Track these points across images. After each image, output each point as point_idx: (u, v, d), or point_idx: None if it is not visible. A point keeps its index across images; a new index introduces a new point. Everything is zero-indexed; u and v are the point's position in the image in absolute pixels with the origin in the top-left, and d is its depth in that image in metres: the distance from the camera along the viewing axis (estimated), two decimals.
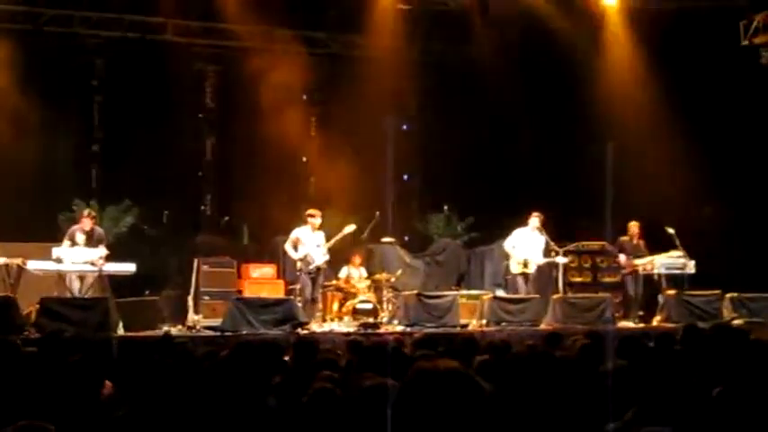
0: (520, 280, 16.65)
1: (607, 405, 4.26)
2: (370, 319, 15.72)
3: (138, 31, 19.01)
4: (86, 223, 15.09)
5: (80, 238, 14.84)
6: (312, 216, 15.96)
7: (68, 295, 14.42)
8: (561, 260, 16.92)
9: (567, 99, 19.49)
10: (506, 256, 17.07)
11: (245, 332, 14.09)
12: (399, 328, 15.36)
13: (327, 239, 16.09)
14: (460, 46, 20.18)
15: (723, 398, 4.11)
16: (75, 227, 15.16)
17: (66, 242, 14.77)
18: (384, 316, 16.14)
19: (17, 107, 17.30)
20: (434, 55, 20.86)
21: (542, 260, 16.77)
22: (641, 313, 17.07)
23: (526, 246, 16.63)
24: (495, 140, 20.40)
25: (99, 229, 15.45)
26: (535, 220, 16.66)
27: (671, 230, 16.75)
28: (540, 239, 16.67)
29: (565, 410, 4.38)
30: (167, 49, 18.71)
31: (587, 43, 19.33)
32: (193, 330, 14.84)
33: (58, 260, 14.36)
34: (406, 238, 20.63)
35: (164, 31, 19.09)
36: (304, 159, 20.94)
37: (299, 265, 15.79)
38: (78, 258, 14.53)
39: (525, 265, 16.58)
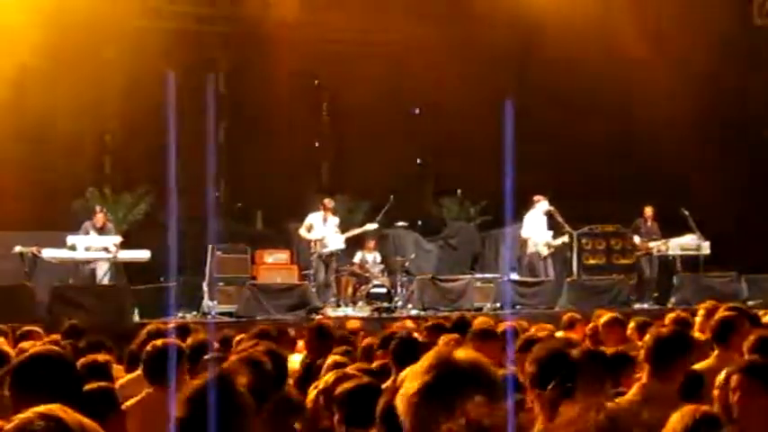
0: (539, 264, 16.60)
1: None
2: (385, 304, 15.74)
3: (150, 17, 18.99)
4: (99, 219, 15.15)
5: (93, 233, 14.92)
6: (326, 206, 16.00)
7: (84, 282, 14.48)
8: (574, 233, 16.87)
9: (578, 78, 19.42)
10: (523, 243, 16.97)
11: (259, 318, 14.13)
12: (414, 312, 15.38)
13: (342, 226, 16.16)
14: (472, 29, 20.09)
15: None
16: (87, 222, 15.20)
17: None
18: (398, 300, 16.15)
19: (31, 95, 17.31)
20: (446, 37, 20.78)
21: (558, 240, 16.72)
22: (656, 295, 17.05)
23: (539, 228, 16.59)
24: (509, 123, 20.32)
25: (110, 226, 15.52)
26: (544, 203, 16.59)
27: (686, 212, 16.71)
28: (552, 220, 16.62)
29: None
30: (178, 34, 18.68)
31: (594, 22, 19.21)
32: (208, 317, 14.87)
33: (73, 248, 14.40)
34: (420, 222, 20.60)
35: (175, 17, 19.07)
36: (317, 144, 20.95)
37: (312, 248, 15.82)
38: (93, 246, 14.57)
39: (545, 245, 16.55)
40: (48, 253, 14.31)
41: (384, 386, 4.63)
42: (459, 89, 19.95)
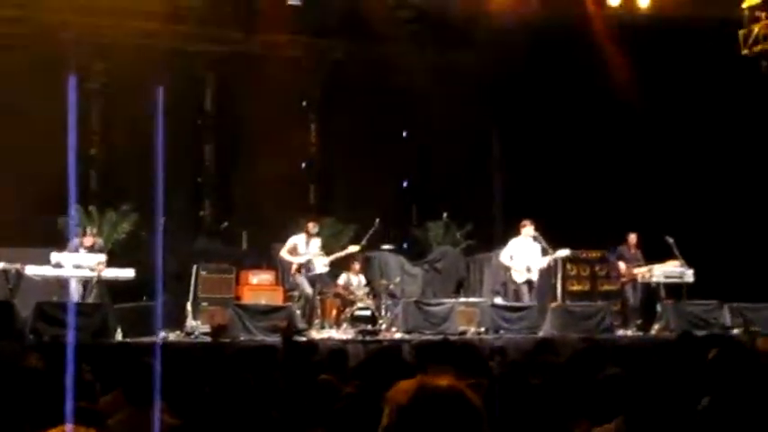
0: (524, 288, 16.58)
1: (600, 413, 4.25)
2: (369, 326, 15.70)
3: (138, 36, 19.01)
4: (88, 240, 15.14)
5: (82, 251, 14.91)
6: (309, 231, 16.02)
7: (67, 300, 14.41)
8: (563, 253, 16.85)
9: (569, 107, 19.54)
10: (505, 269, 17.01)
11: (242, 338, 14.10)
12: (398, 335, 15.38)
13: (326, 249, 16.18)
14: (462, 52, 20.17)
15: (712, 408, 4.11)
16: (76, 240, 15.18)
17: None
18: (383, 323, 16.12)
19: (15, 111, 17.29)
20: (436, 62, 20.86)
21: (545, 262, 16.71)
22: (639, 322, 17.06)
23: (524, 254, 16.58)
24: (495, 148, 20.44)
25: (100, 242, 15.53)
26: (529, 228, 16.62)
27: (670, 240, 16.75)
28: (536, 246, 16.64)
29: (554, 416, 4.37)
30: (166, 54, 18.69)
31: (588, 52, 19.31)
32: (191, 336, 14.84)
33: (57, 265, 14.36)
34: (405, 245, 20.62)
35: (162, 37, 19.06)
36: (303, 165, 20.98)
37: (294, 268, 15.82)
38: (77, 263, 14.54)
39: (529, 270, 16.53)
40: (31, 270, 14.27)
41: None
42: (447, 113, 20.03)
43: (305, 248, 15.87)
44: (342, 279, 16.95)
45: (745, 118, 18.96)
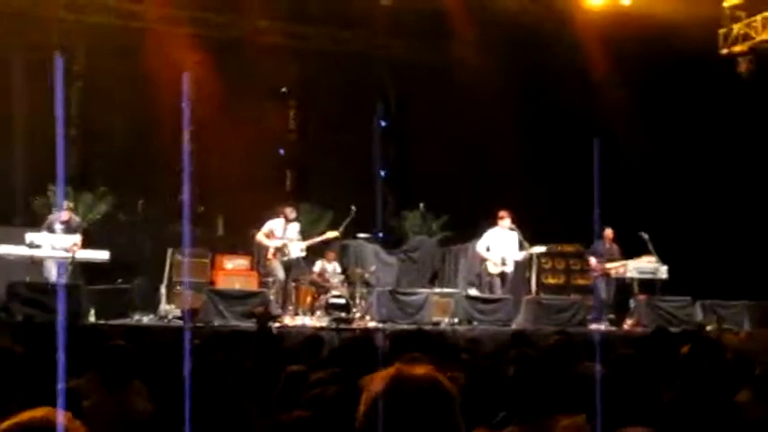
0: (497, 281, 16.60)
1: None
2: (343, 314, 15.71)
3: (121, 17, 18.92)
4: (64, 215, 15.04)
5: (58, 227, 14.81)
6: (287, 216, 15.95)
7: (42, 281, 14.35)
8: (538, 249, 16.91)
9: (548, 101, 19.58)
10: (480, 259, 17.01)
11: (216, 323, 14.08)
12: (372, 324, 15.39)
13: (303, 234, 16.14)
14: (442, 44, 20.18)
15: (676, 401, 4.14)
16: (52, 216, 15.10)
17: (44, 231, 14.69)
18: (357, 311, 16.13)
19: None
20: (416, 52, 20.86)
21: (520, 255, 16.76)
22: (612, 317, 17.12)
23: (501, 245, 16.61)
24: (473, 139, 20.43)
25: (76, 219, 15.42)
26: (507, 219, 16.66)
27: (645, 236, 16.81)
28: (514, 236, 16.67)
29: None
30: (149, 36, 18.62)
31: (569, 45, 19.36)
32: (165, 320, 14.80)
33: (32, 245, 14.28)
34: (381, 235, 20.63)
35: (146, 19, 18.98)
36: (281, 152, 20.95)
37: (270, 252, 15.78)
38: (52, 243, 14.46)
39: (503, 262, 16.55)
40: (3, 249, 14.19)
41: None
42: (426, 104, 20.06)
43: (282, 233, 15.83)
44: (317, 266, 16.94)
45: (722, 117, 19.04)
